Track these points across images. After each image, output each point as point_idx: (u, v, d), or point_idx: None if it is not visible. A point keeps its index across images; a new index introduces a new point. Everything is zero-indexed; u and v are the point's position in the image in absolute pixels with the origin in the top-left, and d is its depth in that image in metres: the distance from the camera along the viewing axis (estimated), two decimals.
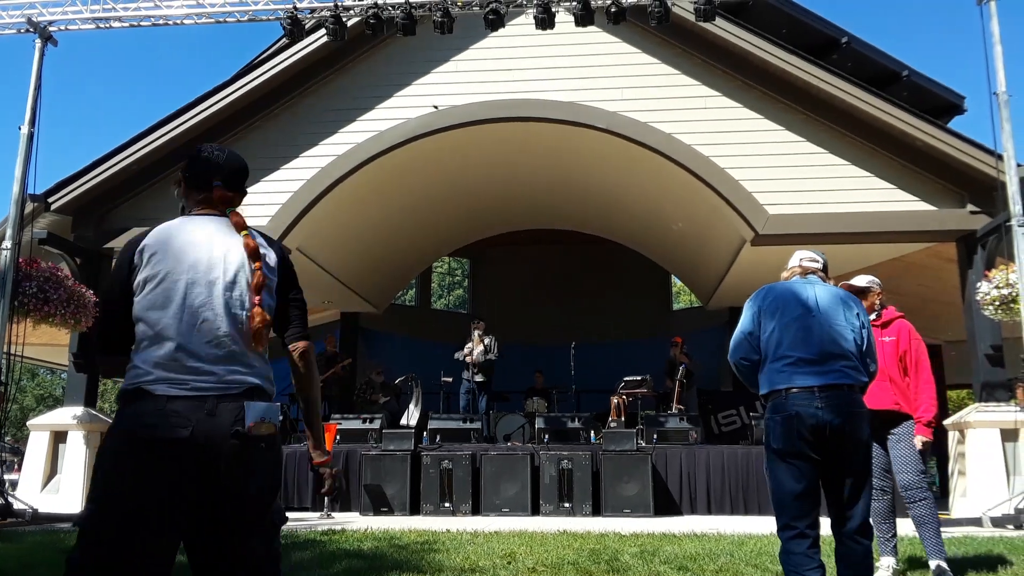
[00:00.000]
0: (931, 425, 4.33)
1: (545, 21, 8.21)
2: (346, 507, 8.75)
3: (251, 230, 2.27)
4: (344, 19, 8.47)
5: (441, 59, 9.87)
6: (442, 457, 8.49)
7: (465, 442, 9.14)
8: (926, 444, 4.31)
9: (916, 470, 4.28)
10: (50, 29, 8.38)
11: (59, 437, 9.17)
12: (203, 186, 2.33)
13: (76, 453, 9.00)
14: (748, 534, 6.11)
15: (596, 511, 8.16)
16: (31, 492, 8.75)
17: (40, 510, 7.86)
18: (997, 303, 7.75)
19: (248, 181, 2.41)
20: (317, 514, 8.26)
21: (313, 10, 8.48)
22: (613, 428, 9.04)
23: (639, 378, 10.20)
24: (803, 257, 3.55)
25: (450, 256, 18.13)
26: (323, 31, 8.95)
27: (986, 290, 7.84)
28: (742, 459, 8.53)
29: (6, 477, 9.21)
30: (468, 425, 9.41)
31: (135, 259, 2.16)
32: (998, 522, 6.97)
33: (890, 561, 4.37)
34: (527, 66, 9.68)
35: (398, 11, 8.30)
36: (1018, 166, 7.62)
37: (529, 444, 9.18)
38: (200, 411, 2.03)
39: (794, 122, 9.38)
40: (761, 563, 4.74)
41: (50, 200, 9.55)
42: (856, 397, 3.20)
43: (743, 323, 3.41)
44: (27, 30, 8.34)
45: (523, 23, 9.05)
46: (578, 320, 15.04)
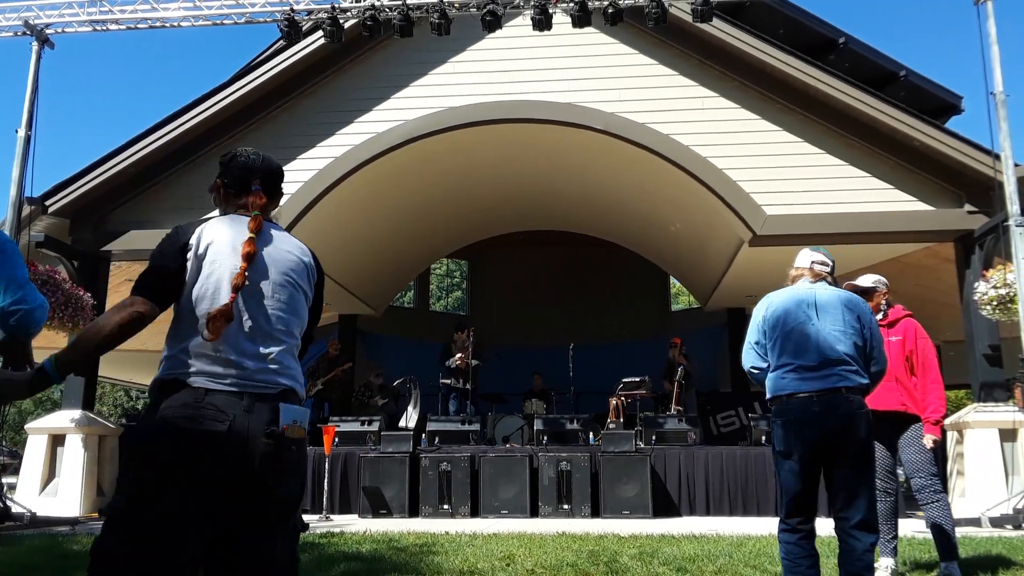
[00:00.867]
0: (939, 424, 4.32)
1: (542, 22, 8.21)
2: (345, 509, 8.74)
3: (264, 234, 2.26)
4: (341, 21, 8.48)
5: (438, 60, 9.87)
6: (441, 459, 8.48)
7: (464, 444, 9.13)
8: (936, 443, 4.30)
9: (929, 472, 4.25)
10: (47, 32, 8.38)
11: (57, 440, 9.15)
12: (242, 190, 2.33)
13: (74, 456, 8.98)
14: (747, 535, 6.11)
15: (595, 512, 8.15)
16: (29, 495, 8.73)
17: (38, 513, 7.83)
18: (995, 303, 7.74)
19: None
20: (316, 516, 8.25)
21: (310, 12, 8.48)
22: (612, 429, 9.03)
23: (638, 379, 10.19)
24: (814, 260, 3.61)
25: (448, 258, 18.12)
26: (320, 33, 8.95)
27: (984, 290, 7.84)
28: (741, 460, 8.52)
29: (4, 480, 9.19)
30: (467, 427, 9.40)
31: (192, 239, 2.17)
32: (997, 522, 6.97)
33: (889, 562, 4.36)
34: (524, 67, 9.68)
35: (395, 13, 8.30)
36: (1016, 166, 7.63)
37: (528, 446, 9.18)
38: (238, 407, 2.03)
39: (792, 123, 9.38)
40: (760, 564, 4.74)
41: (47, 203, 9.52)
42: (854, 398, 3.33)
43: (750, 333, 3.59)
44: (24, 33, 8.33)
45: (520, 24, 9.06)
46: (577, 321, 15.03)
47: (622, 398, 10.02)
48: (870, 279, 4.51)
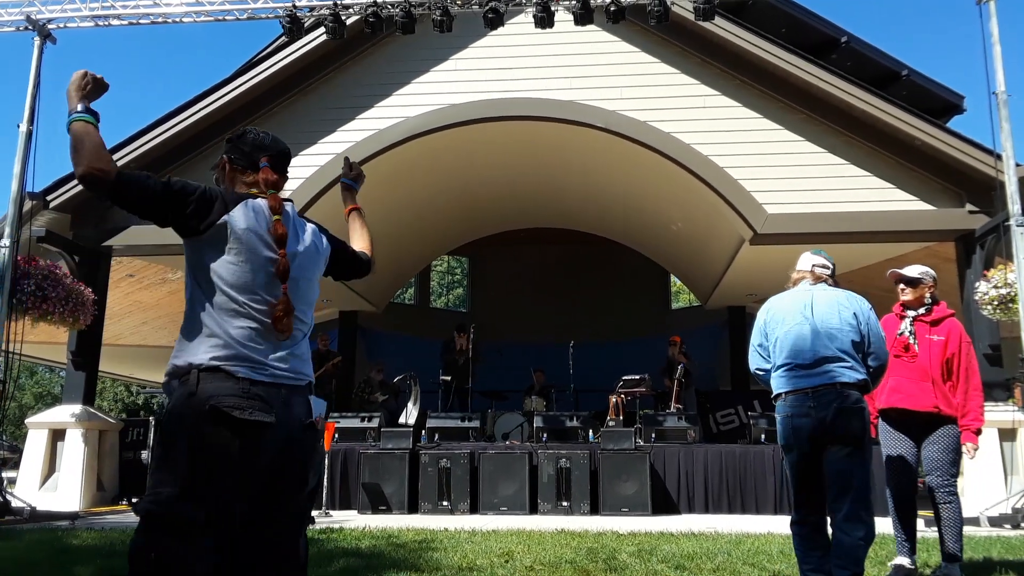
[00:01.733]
0: (980, 433, 4.29)
1: (544, 20, 8.20)
2: (344, 505, 8.76)
3: (286, 214, 2.24)
4: (343, 17, 8.46)
5: (441, 58, 9.86)
6: (440, 456, 8.49)
7: (463, 441, 9.14)
8: (975, 451, 4.26)
9: (948, 473, 4.22)
10: (49, 27, 8.36)
11: (57, 435, 9.16)
12: (250, 166, 2.28)
13: (74, 451, 8.99)
14: (745, 533, 6.12)
15: (594, 510, 8.16)
16: (29, 490, 8.75)
17: (38, 508, 7.86)
18: (996, 303, 7.75)
19: None
20: (316, 512, 8.26)
21: (312, 8, 8.48)
22: (611, 427, 9.03)
23: (638, 377, 10.18)
24: (815, 263, 3.80)
25: (449, 255, 18.12)
26: (322, 29, 8.93)
27: (984, 290, 7.85)
28: (740, 458, 8.53)
29: (4, 475, 9.20)
30: (466, 424, 9.41)
31: (218, 205, 2.10)
32: (995, 521, 6.98)
33: (904, 561, 4.33)
34: (526, 65, 9.67)
35: (397, 9, 8.29)
36: (1017, 166, 7.62)
37: (527, 443, 9.18)
38: (278, 399, 2.03)
39: (793, 121, 9.37)
40: (758, 562, 4.75)
41: (49, 198, 9.52)
42: (849, 393, 3.47)
43: (753, 336, 3.82)
44: (26, 28, 8.32)
45: (522, 22, 9.05)
46: (577, 319, 15.02)
47: (622, 396, 10.00)
48: (916, 269, 4.49)
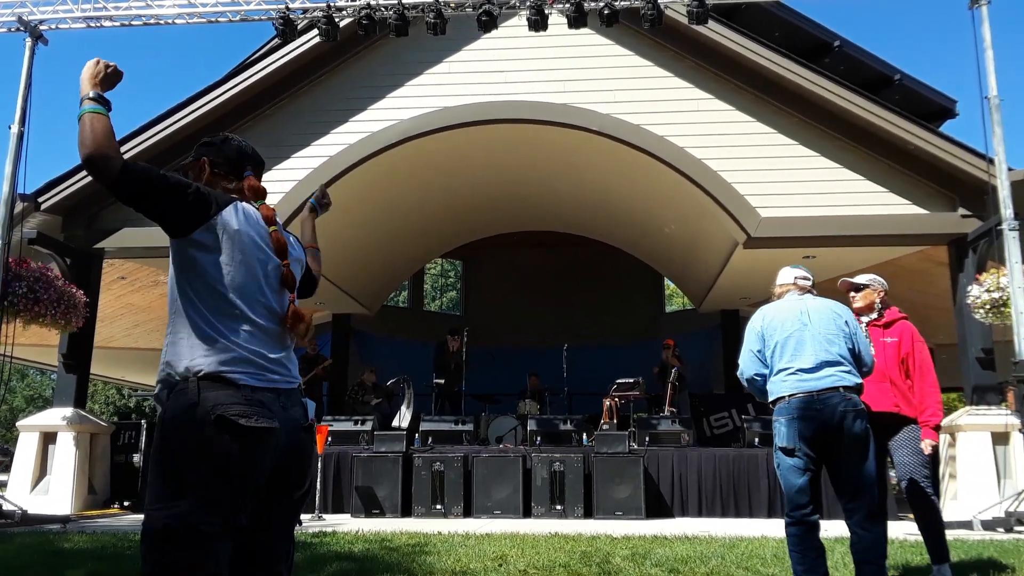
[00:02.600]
0: (939, 428, 4.32)
1: (538, 23, 8.21)
2: (337, 509, 8.72)
3: (279, 226, 2.24)
4: (336, 20, 8.45)
5: (434, 60, 9.85)
6: (434, 459, 8.47)
7: (457, 444, 9.12)
8: (934, 448, 4.29)
9: (921, 475, 4.23)
10: (41, 28, 8.33)
11: (48, 438, 9.12)
12: (233, 173, 2.25)
13: (66, 454, 8.94)
14: (739, 536, 6.11)
15: (588, 513, 8.14)
16: (20, 493, 8.69)
17: (29, 511, 7.79)
18: (988, 307, 7.77)
19: None
20: (308, 516, 8.22)
21: (305, 10, 8.46)
22: (605, 430, 9.03)
23: (631, 380, 10.18)
24: (797, 276, 3.94)
25: (443, 258, 18.10)
26: (315, 31, 8.92)
27: (977, 293, 7.87)
28: (734, 461, 8.53)
29: None
30: (460, 427, 9.39)
31: (224, 211, 2.09)
32: (988, 525, 6.98)
33: None
34: (520, 68, 9.67)
35: (391, 12, 8.28)
36: (1009, 170, 7.65)
37: (521, 446, 9.17)
38: (277, 404, 2.05)
39: (786, 125, 9.39)
40: (752, 566, 4.74)
41: (40, 200, 9.48)
42: (852, 397, 3.59)
43: (749, 342, 3.85)
44: (17, 29, 8.28)
45: (516, 25, 9.05)
46: (571, 322, 15.03)
47: (616, 399, 10.01)
48: (865, 277, 4.53)
